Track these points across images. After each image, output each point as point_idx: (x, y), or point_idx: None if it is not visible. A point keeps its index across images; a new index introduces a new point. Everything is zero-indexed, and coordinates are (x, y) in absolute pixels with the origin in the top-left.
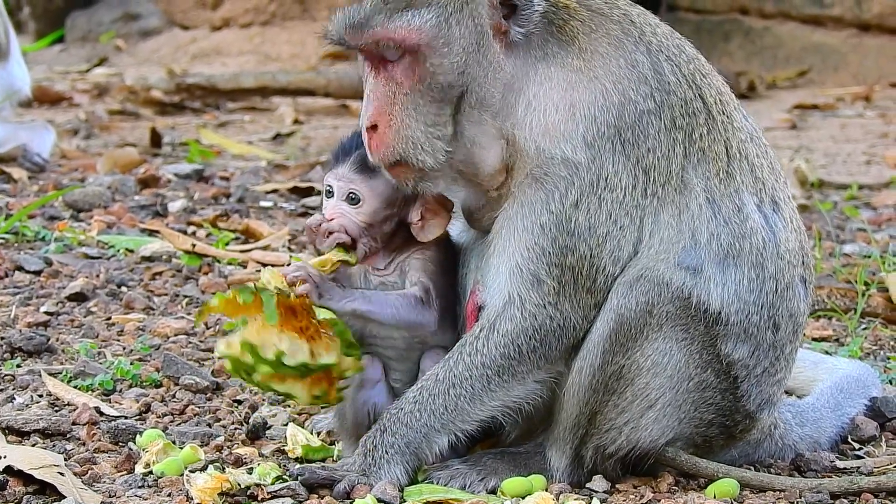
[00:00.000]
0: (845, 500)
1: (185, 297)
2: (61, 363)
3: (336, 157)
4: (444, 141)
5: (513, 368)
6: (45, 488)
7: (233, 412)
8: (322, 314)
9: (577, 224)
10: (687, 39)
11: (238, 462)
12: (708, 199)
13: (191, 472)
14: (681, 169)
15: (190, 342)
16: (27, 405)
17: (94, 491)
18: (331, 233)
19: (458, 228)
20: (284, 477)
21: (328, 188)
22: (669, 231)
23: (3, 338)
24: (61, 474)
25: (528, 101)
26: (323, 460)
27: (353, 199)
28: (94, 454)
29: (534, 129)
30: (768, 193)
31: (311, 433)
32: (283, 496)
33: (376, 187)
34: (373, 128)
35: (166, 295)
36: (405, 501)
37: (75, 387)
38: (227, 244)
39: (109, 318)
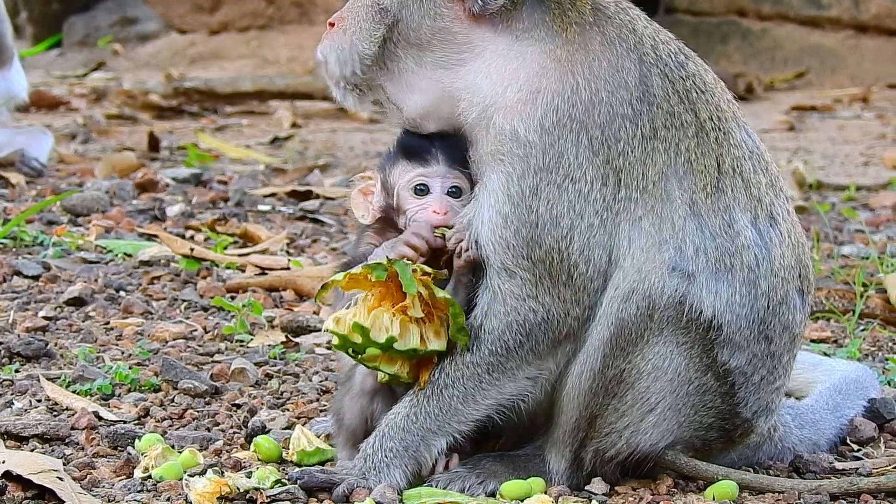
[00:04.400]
0: (844, 502)
1: (184, 301)
2: (60, 368)
3: (419, 155)
4: (364, 59)
5: (502, 365)
6: (43, 493)
7: (231, 416)
8: (440, 293)
9: (538, 215)
10: (685, 41)
11: (237, 466)
12: (692, 211)
13: (190, 476)
14: (661, 178)
15: (188, 346)
16: (26, 410)
17: (93, 496)
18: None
19: None
20: (283, 481)
21: (421, 186)
22: (650, 240)
23: (1, 343)
24: (60, 479)
25: (488, 71)
26: (322, 463)
27: (454, 193)
28: (93, 459)
29: (487, 97)
30: (765, 209)
31: (315, 436)
32: (282, 500)
33: (468, 178)
34: (331, 25)
35: (165, 299)
36: None
37: (74, 391)
38: (225, 248)
39: (108, 323)
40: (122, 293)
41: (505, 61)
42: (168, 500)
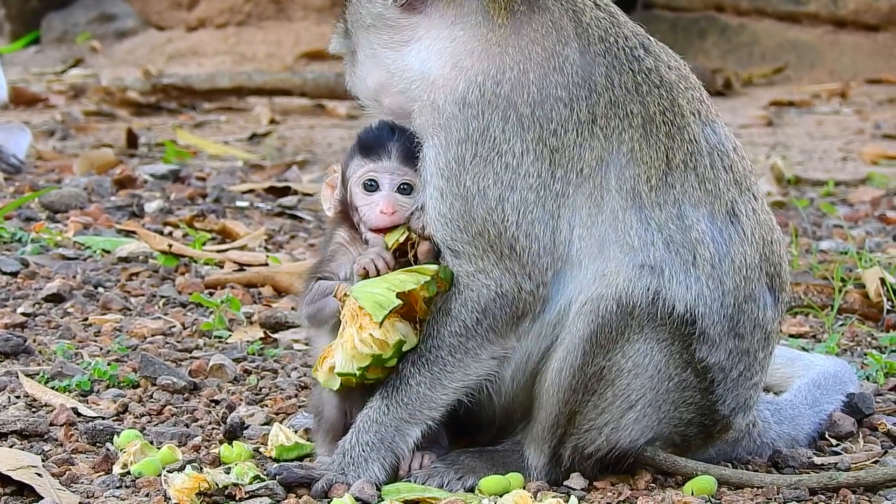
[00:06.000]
0: (823, 496)
1: (162, 297)
2: (38, 364)
3: (372, 150)
4: (341, 38)
5: (463, 346)
6: (22, 489)
7: (210, 412)
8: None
9: (466, 187)
10: (662, 37)
11: (216, 462)
12: (635, 203)
13: (168, 472)
14: (599, 163)
15: (167, 342)
16: (4, 406)
17: (72, 492)
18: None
19: None
20: (262, 476)
21: (370, 182)
22: (592, 230)
23: None
24: (39, 475)
25: (419, 50)
26: (301, 459)
27: (405, 190)
28: (72, 455)
29: (416, 74)
30: (724, 206)
31: (293, 432)
32: (261, 496)
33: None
34: None
35: (143, 295)
36: (383, 500)
37: (53, 388)
38: (203, 244)
39: (86, 319)
40: (100, 289)
41: (436, 42)
42: (147, 496)
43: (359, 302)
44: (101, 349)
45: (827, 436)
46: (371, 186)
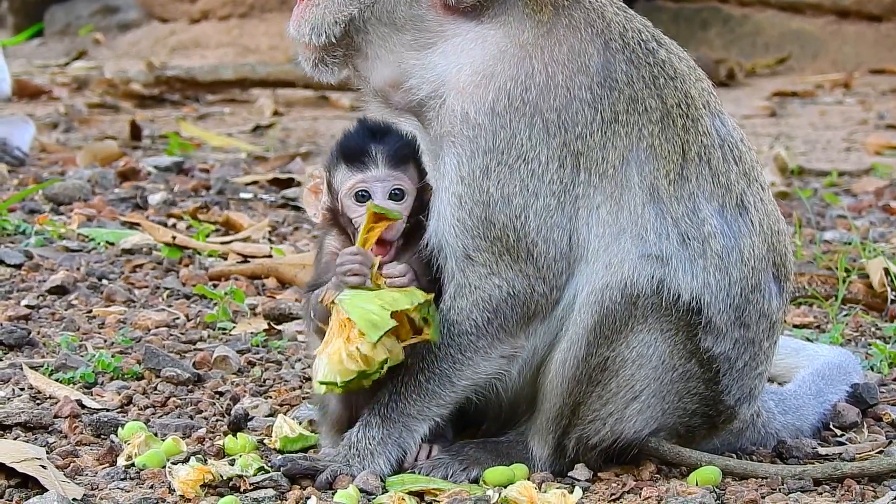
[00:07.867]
0: (828, 487)
1: (166, 289)
2: (42, 356)
3: (358, 160)
4: (335, 34)
5: (473, 344)
6: (27, 481)
7: (214, 404)
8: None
9: (489, 194)
10: (665, 28)
11: (220, 454)
12: (653, 198)
13: (173, 464)
14: (622, 162)
15: (171, 334)
16: (9, 399)
17: (77, 484)
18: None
19: None
20: (266, 468)
21: (362, 193)
22: (613, 229)
23: None
24: (43, 467)
25: (445, 52)
26: (305, 450)
27: (397, 196)
28: (76, 447)
29: (441, 76)
30: (734, 198)
31: (297, 423)
32: (266, 487)
33: (413, 177)
34: (301, 0)
35: (147, 287)
36: (387, 491)
37: (57, 380)
38: (207, 236)
39: (90, 311)
40: (104, 281)
41: (464, 41)
42: (151, 487)
43: (350, 316)
44: (105, 341)
45: (831, 426)
46: (363, 197)
